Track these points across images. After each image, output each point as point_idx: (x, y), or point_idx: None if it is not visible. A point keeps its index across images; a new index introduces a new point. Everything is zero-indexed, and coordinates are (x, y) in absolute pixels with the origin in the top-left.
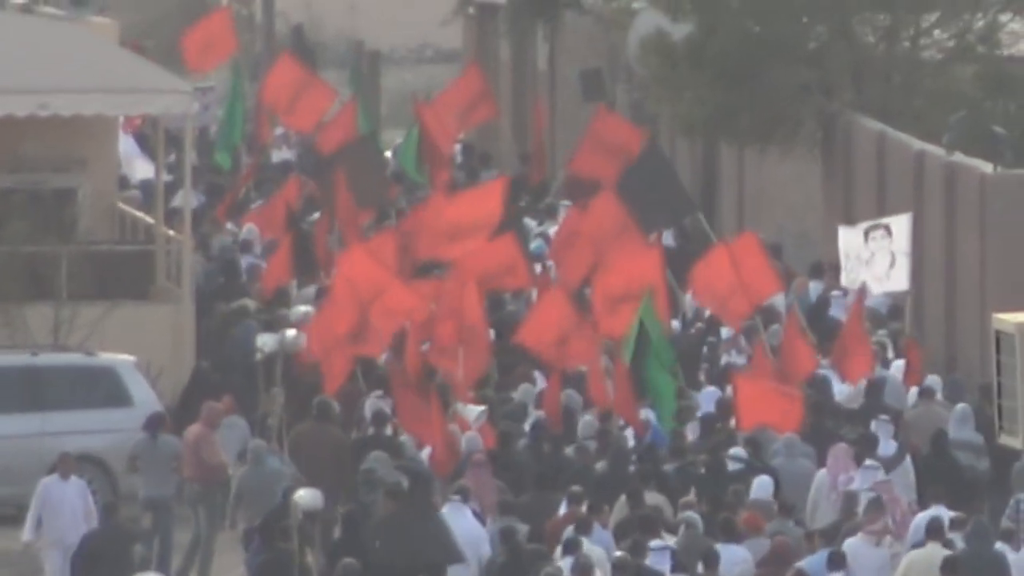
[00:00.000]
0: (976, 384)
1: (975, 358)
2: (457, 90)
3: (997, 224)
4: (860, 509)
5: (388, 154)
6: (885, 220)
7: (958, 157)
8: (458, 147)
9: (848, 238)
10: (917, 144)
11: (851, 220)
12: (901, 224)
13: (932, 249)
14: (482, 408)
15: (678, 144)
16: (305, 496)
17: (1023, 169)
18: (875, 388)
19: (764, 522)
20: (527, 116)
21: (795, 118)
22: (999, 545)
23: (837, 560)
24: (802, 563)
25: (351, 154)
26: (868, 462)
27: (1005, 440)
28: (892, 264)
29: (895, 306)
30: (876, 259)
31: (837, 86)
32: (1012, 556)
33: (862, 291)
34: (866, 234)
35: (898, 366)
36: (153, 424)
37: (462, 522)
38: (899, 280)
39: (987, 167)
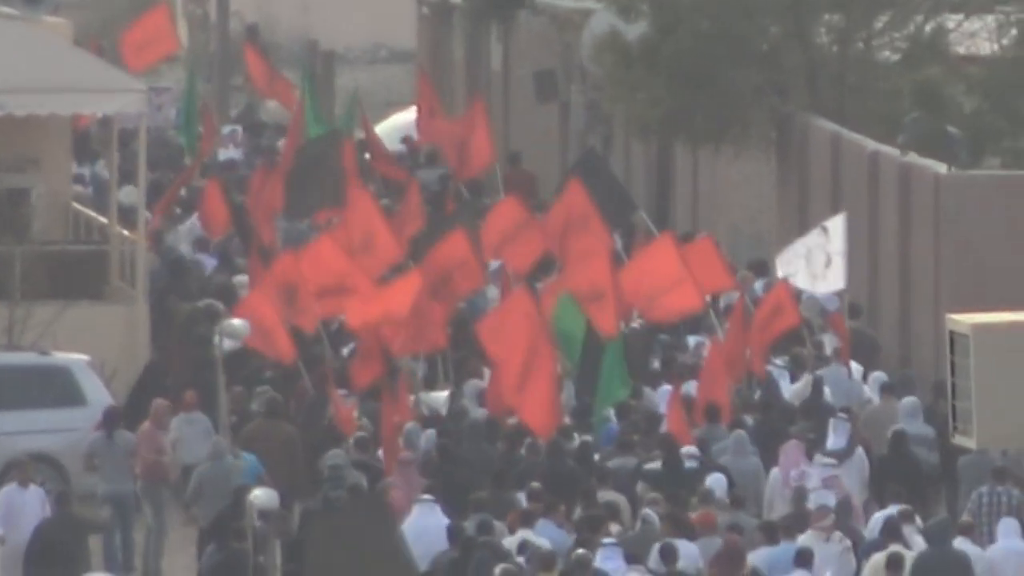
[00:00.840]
0: (931, 382)
1: (929, 358)
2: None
3: (951, 224)
4: (810, 504)
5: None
6: (823, 222)
7: (912, 158)
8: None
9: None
10: (871, 145)
11: (805, 221)
12: (836, 224)
13: (887, 249)
14: (447, 393)
15: (632, 144)
16: (260, 496)
17: (977, 170)
18: (818, 385)
19: (715, 519)
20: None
21: (749, 119)
22: (958, 540)
23: (805, 558)
24: (762, 557)
25: (302, 158)
26: (822, 458)
27: (960, 440)
28: (828, 263)
29: (853, 304)
30: (813, 256)
31: (791, 87)
32: (974, 550)
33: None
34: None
35: (857, 369)
36: (109, 421)
37: (433, 521)
38: (835, 280)
39: (941, 168)
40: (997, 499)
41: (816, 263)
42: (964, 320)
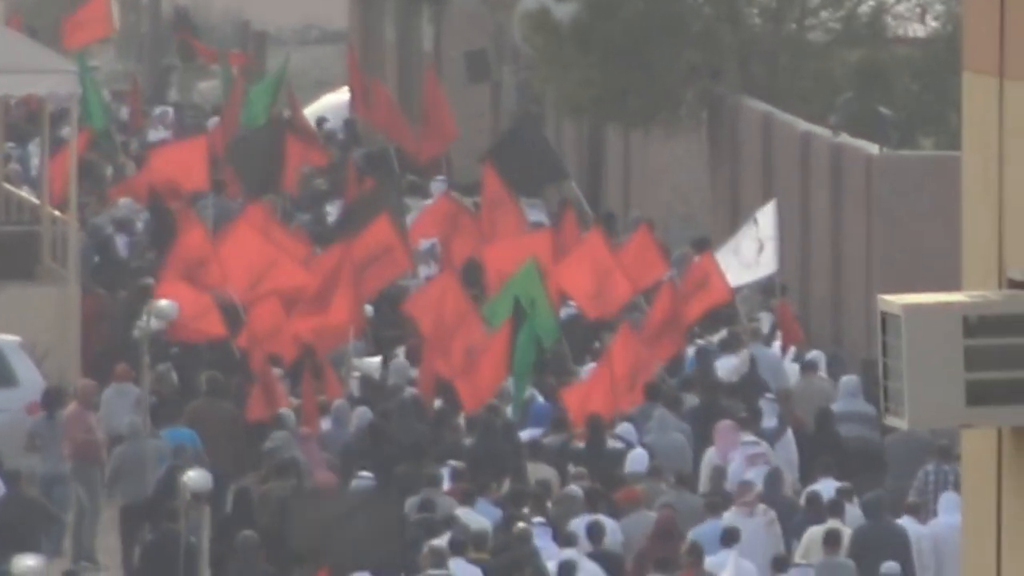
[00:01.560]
0: (860, 360)
1: (861, 339)
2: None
3: (883, 205)
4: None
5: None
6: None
7: (844, 138)
8: (341, 123)
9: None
10: (803, 125)
11: (737, 202)
12: (766, 212)
13: (818, 230)
14: (379, 358)
15: (564, 125)
16: (194, 477)
17: (909, 150)
18: (753, 364)
19: (640, 495)
20: (413, 98)
21: (681, 99)
22: (905, 519)
23: (731, 536)
24: (692, 533)
25: (241, 145)
26: (745, 438)
27: (891, 421)
28: (760, 250)
29: (777, 283)
30: (743, 247)
31: (723, 67)
32: (919, 528)
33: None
34: None
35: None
36: (50, 401)
37: None
38: (767, 264)
39: (873, 148)
40: (944, 477)
41: (748, 253)
42: (895, 300)
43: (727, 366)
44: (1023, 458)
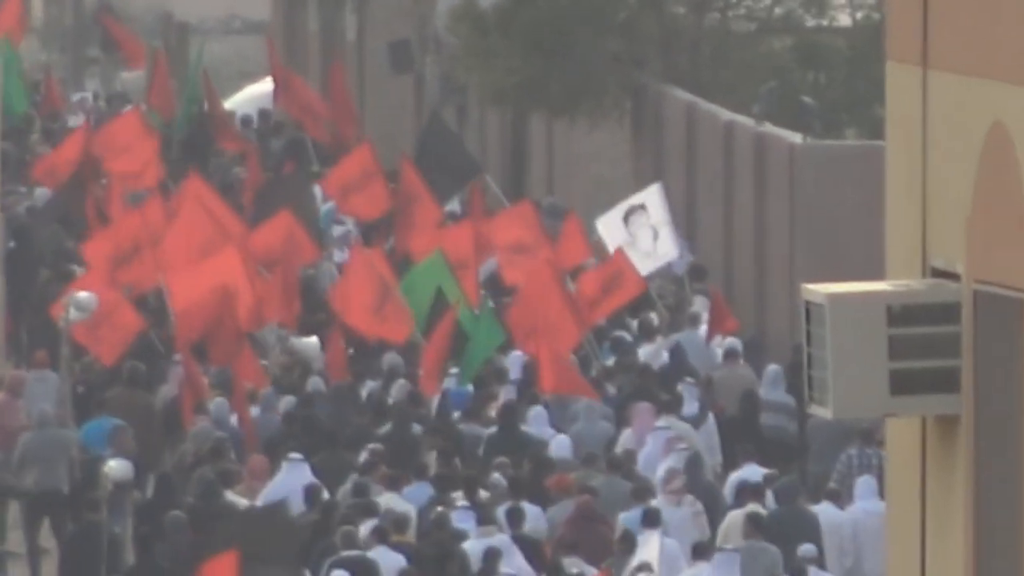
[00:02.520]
0: (787, 351)
1: (784, 328)
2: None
3: (806, 194)
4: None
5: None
6: (638, 200)
7: (767, 128)
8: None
9: (608, 224)
10: (726, 115)
11: (661, 191)
12: (653, 197)
13: (742, 219)
14: (315, 338)
15: (488, 115)
16: (115, 467)
17: (832, 140)
18: (678, 349)
19: (571, 483)
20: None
21: (605, 88)
22: (825, 504)
23: (652, 517)
24: (620, 519)
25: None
26: (660, 422)
27: (815, 410)
28: (655, 237)
29: (698, 266)
30: (638, 239)
31: (647, 57)
32: (840, 514)
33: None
34: (625, 218)
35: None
36: None
37: (300, 480)
38: (666, 250)
39: (796, 137)
40: (867, 461)
41: (644, 242)
42: (820, 290)
43: (646, 353)
44: (947, 447)
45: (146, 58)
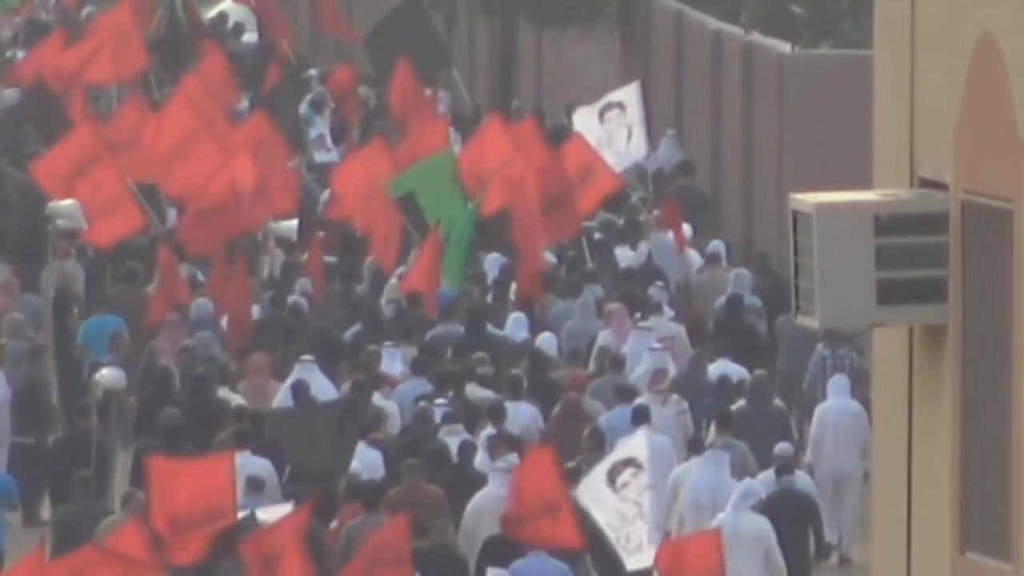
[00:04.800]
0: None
1: (773, 238)
2: None
3: (795, 104)
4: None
5: None
6: (616, 97)
7: (756, 37)
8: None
9: (583, 120)
10: (714, 23)
11: (648, 100)
12: (631, 96)
13: (730, 129)
14: (294, 222)
15: (476, 24)
16: (107, 374)
17: (821, 49)
18: (652, 253)
19: (585, 379)
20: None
21: None
22: (798, 474)
23: (641, 414)
24: (603, 419)
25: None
26: (641, 324)
27: (802, 320)
28: (629, 137)
29: (687, 162)
30: (614, 137)
31: None
32: (808, 483)
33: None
34: (601, 115)
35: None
36: None
37: (316, 380)
38: (637, 149)
39: (785, 47)
40: (840, 361)
41: (618, 141)
42: (807, 199)
43: (625, 256)
44: (933, 356)
45: None
